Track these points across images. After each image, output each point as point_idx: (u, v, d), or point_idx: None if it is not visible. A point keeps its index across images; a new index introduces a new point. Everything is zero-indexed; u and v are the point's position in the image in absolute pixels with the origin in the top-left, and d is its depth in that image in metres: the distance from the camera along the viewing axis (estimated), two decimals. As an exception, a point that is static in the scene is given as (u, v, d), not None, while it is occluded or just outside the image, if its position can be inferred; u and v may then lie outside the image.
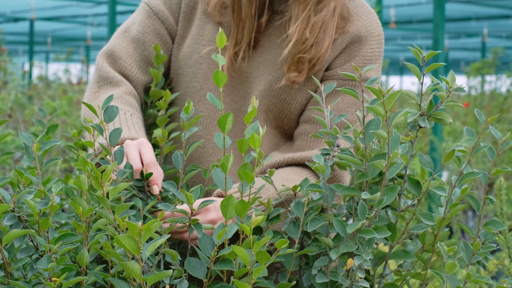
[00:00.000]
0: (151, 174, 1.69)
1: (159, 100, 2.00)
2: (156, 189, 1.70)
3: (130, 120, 1.86)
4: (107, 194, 1.47)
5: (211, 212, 1.67)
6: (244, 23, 1.92)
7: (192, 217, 1.54)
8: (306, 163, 1.68)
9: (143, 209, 1.66)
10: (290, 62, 1.90)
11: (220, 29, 1.61)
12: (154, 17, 2.01)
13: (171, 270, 1.36)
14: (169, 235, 1.42)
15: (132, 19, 2.05)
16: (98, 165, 1.71)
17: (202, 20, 1.99)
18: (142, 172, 1.70)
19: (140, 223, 1.29)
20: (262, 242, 1.38)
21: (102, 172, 1.49)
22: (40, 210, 1.45)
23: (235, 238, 1.59)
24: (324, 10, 1.88)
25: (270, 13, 1.94)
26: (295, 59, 1.89)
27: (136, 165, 1.70)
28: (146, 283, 1.33)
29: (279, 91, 1.93)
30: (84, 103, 1.74)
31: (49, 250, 1.43)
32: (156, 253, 1.56)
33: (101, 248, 1.51)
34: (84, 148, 2.01)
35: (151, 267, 1.53)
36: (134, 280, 1.36)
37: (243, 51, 1.93)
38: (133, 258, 1.40)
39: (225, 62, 1.62)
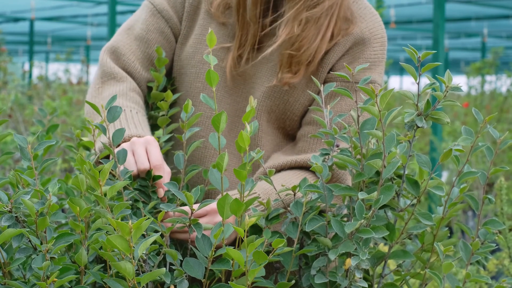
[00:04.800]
0: (160, 176, 1.69)
1: (160, 101, 2.00)
2: (161, 192, 1.70)
3: (136, 117, 1.85)
4: (105, 193, 1.47)
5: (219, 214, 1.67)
6: (248, 26, 1.91)
7: (199, 219, 1.54)
8: (309, 163, 1.67)
9: (143, 209, 1.67)
10: (281, 61, 1.89)
11: (210, 29, 1.61)
12: (158, 16, 2.01)
13: (165, 268, 1.36)
14: (160, 232, 1.42)
15: (135, 17, 2.05)
16: (99, 164, 1.71)
17: (206, 20, 1.99)
18: (148, 172, 1.70)
19: (130, 222, 1.29)
20: (257, 244, 1.38)
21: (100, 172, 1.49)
22: (38, 210, 1.45)
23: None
24: (317, 7, 1.87)
25: (273, 15, 1.94)
26: (285, 57, 1.88)
27: (143, 164, 1.70)
28: (140, 283, 1.33)
29: (282, 92, 1.92)
30: (87, 102, 1.74)
31: (45, 248, 1.43)
32: (158, 253, 1.56)
33: (100, 248, 1.51)
34: (87, 148, 2.01)
35: (152, 267, 1.53)
36: (129, 280, 1.36)
37: (247, 53, 1.93)
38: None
39: (216, 62, 1.62)
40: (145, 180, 1.70)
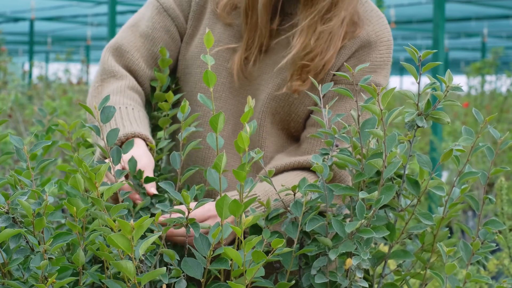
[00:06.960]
0: (152, 178, 1.69)
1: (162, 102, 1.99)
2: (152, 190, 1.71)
3: (132, 114, 1.83)
4: (102, 194, 1.46)
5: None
6: (256, 28, 1.90)
7: (201, 224, 1.54)
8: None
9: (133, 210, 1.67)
10: (293, 69, 1.88)
11: (208, 30, 1.60)
12: (164, 14, 1.99)
13: (165, 268, 1.35)
14: (160, 232, 1.41)
15: (140, 14, 2.02)
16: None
17: (211, 20, 1.98)
18: (139, 172, 1.70)
19: (131, 221, 1.29)
20: (254, 242, 1.38)
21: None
22: (34, 211, 1.45)
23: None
24: (333, 20, 1.86)
25: (282, 17, 1.93)
26: (297, 66, 1.88)
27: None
28: (140, 282, 1.33)
29: (287, 95, 1.91)
30: (80, 104, 1.74)
31: (42, 248, 1.43)
32: (155, 254, 1.55)
33: (97, 249, 1.51)
34: (89, 146, 2.01)
35: (150, 267, 1.52)
36: (129, 280, 1.35)
37: (254, 55, 1.92)
38: (130, 259, 1.39)
39: (214, 62, 1.61)
40: (136, 179, 1.70)
